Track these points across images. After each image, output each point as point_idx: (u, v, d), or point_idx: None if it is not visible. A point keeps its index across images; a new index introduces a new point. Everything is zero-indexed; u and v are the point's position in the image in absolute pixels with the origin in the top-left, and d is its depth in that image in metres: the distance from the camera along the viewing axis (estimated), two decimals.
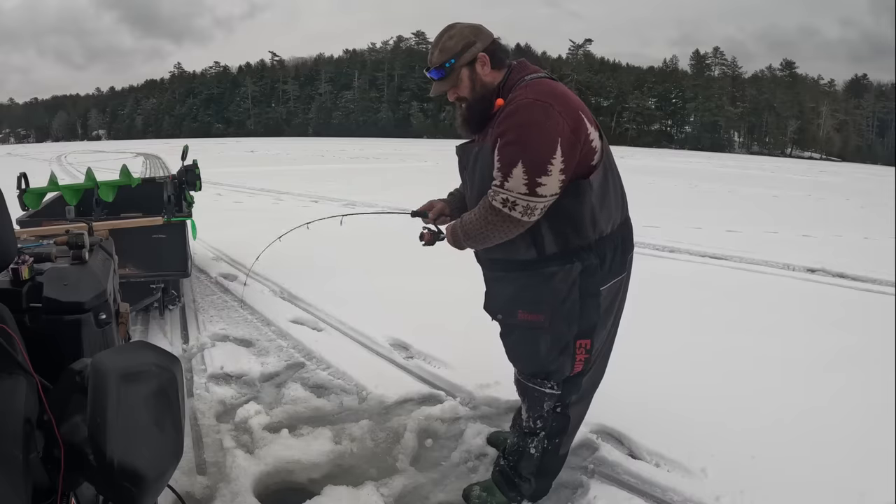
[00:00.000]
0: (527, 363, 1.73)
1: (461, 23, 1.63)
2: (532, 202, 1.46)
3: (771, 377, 2.75)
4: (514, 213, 1.47)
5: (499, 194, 1.48)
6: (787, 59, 65.92)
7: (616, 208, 1.63)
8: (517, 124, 1.46)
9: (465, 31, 1.59)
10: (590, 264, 1.57)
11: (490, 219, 1.51)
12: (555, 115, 1.44)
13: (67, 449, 0.66)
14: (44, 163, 20.13)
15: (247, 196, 10.09)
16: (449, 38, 1.58)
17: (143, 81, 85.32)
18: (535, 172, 1.43)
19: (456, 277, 3.14)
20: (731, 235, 6.84)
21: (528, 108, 1.46)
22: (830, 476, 1.96)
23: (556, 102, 1.46)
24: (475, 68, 1.58)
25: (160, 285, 3.47)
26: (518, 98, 1.49)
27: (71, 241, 1.23)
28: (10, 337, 0.75)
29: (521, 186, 1.45)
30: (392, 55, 73.01)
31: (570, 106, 1.48)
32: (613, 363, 1.86)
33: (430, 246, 1.81)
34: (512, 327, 1.72)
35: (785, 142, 62.38)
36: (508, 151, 1.46)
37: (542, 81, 1.53)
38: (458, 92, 1.62)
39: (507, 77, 1.59)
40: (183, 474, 1.93)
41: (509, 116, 1.48)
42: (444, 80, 1.61)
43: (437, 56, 1.59)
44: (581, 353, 1.64)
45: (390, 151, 29.05)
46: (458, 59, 1.57)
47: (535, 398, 1.74)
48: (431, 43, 1.63)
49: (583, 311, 1.60)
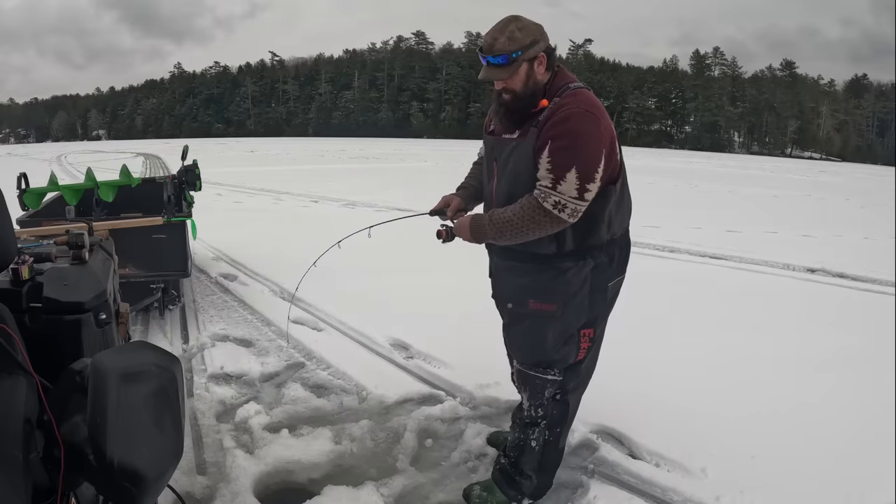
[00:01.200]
0: (531, 352, 1.77)
1: (526, 18, 1.63)
2: (579, 205, 1.55)
3: (771, 377, 2.75)
4: (563, 215, 1.55)
5: (551, 196, 1.54)
6: (787, 59, 65.92)
7: (627, 214, 1.75)
8: (571, 131, 1.53)
9: (533, 28, 1.61)
10: (601, 262, 1.68)
11: (537, 218, 1.56)
12: (601, 128, 1.55)
13: (67, 449, 0.66)
14: (44, 163, 20.13)
15: (247, 196, 10.08)
16: (518, 28, 1.59)
17: (143, 81, 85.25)
18: (586, 179, 1.52)
19: (456, 277, 3.15)
20: (731, 235, 6.84)
21: (580, 117, 1.54)
22: (831, 476, 1.96)
23: (602, 116, 1.57)
24: (534, 65, 1.60)
25: (160, 285, 3.47)
26: (569, 106, 1.55)
27: (71, 241, 1.23)
28: (10, 337, 0.75)
29: (573, 191, 1.53)
30: (392, 55, 72.96)
31: (607, 120, 1.59)
32: (613, 362, 1.87)
33: (450, 242, 1.83)
34: (522, 316, 1.75)
35: (785, 142, 62.35)
36: (563, 156, 1.53)
37: (587, 92, 1.61)
38: (510, 83, 1.61)
39: (552, 80, 1.64)
40: (183, 474, 1.93)
41: (562, 122, 1.54)
42: (505, 69, 1.60)
43: (503, 42, 1.58)
44: (585, 341, 1.74)
45: (390, 151, 29.05)
46: (525, 52, 1.58)
47: (537, 385, 1.77)
48: (493, 28, 1.61)
49: (591, 303, 1.70)
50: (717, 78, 66.08)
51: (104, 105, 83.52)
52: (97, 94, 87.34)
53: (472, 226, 1.71)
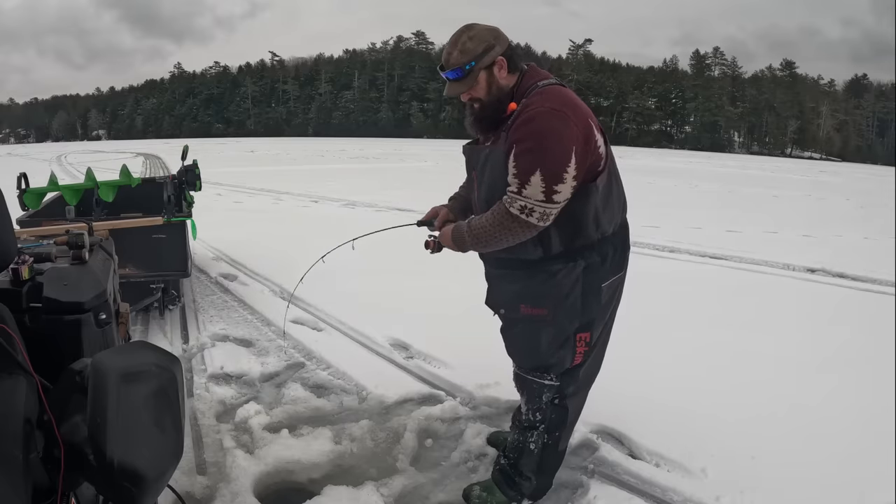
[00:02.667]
0: (527, 357, 1.75)
1: (479, 24, 1.61)
2: (548, 208, 1.49)
3: (771, 377, 2.75)
4: (532, 220, 1.50)
5: (517, 201, 1.50)
6: (787, 59, 65.95)
7: (618, 210, 1.68)
8: (535, 132, 1.48)
9: (485, 34, 1.57)
10: (592, 262, 1.61)
11: (506, 224, 1.53)
12: (570, 125, 1.47)
13: (67, 449, 0.66)
14: (44, 163, 20.13)
15: (247, 196, 10.08)
16: (469, 38, 1.56)
17: (143, 81, 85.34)
18: (553, 180, 1.46)
19: (456, 277, 3.14)
20: (731, 235, 6.84)
21: (545, 116, 1.47)
22: (831, 476, 1.96)
23: (571, 112, 1.49)
24: (493, 71, 1.58)
25: (160, 285, 3.47)
26: (534, 105, 1.50)
27: (71, 241, 1.23)
28: (10, 337, 0.75)
29: (539, 194, 1.47)
30: (392, 55, 72.96)
31: (582, 114, 1.51)
32: (614, 363, 1.87)
33: (437, 253, 1.83)
34: (514, 321, 1.74)
35: (785, 142, 62.35)
36: (526, 159, 1.48)
37: (556, 89, 1.55)
38: (473, 93, 1.60)
39: (520, 81, 1.60)
40: (183, 474, 1.93)
41: (526, 123, 1.49)
42: (462, 82, 1.59)
43: (456, 56, 1.57)
44: (581, 345, 1.69)
45: (390, 151, 29.05)
46: (478, 61, 1.56)
47: (534, 390, 1.75)
48: (448, 42, 1.60)
49: (584, 306, 1.64)
50: (717, 78, 66.08)
51: (104, 105, 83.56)
52: (97, 94, 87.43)
53: (453, 235, 1.69)
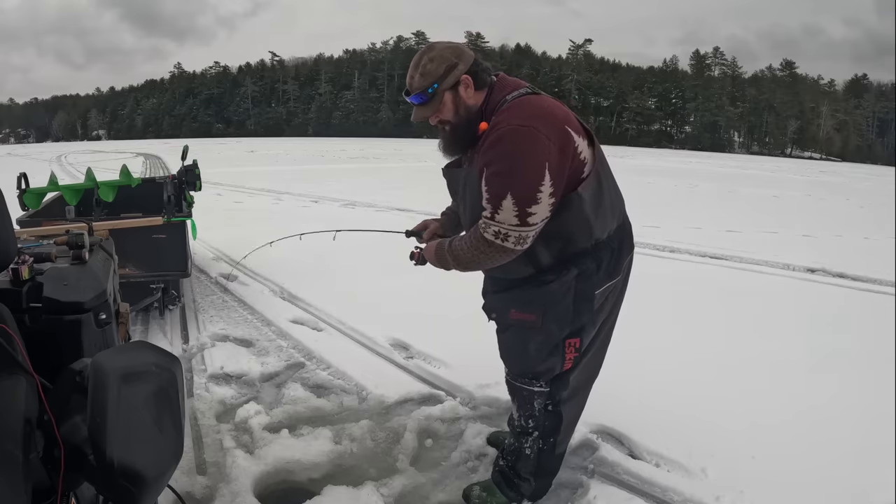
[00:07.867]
0: (515, 363, 1.74)
1: (440, 43, 1.54)
2: (524, 232, 1.44)
3: (771, 377, 2.75)
4: (507, 244, 1.45)
5: (490, 227, 1.45)
6: (787, 59, 66.03)
7: (612, 213, 1.61)
8: (503, 154, 1.41)
9: (446, 53, 1.50)
10: (586, 269, 1.55)
11: (482, 249, 1.49)
12: (541, 139, 1.39)
13: (67, 449, 0.66)
14: (44, 163, 20.13)
15: (247, 196, 10.08)
16: (429, 60, 1.49)
17: (143, 81, 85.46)
18: (525, 203, 1.40)
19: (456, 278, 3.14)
20: (731, 235, 6.84)
21: (511, 136, 1.40)
22: (831, 476, 1.96)
23: (541, 124, 1.40)
24: (458, 91, 1.50)
25: (160, 285, 3.46)
26: (501, 125, 1.42)
27: (71, 241, 1.23)
28: (10, 337, 0.75)
29: (513, 218, 1.42)
30: (392, 55, 72.92)
31: (555, 123, 1.43)
32: (614, 363, 1.86)
33: (422, 265, 1.82)
34: (505, 326, 1.72)
35: (785, 142, 62.35)
36: (496, 183, 1.42)
37: (524, 100, 1.48)
38: (440, 116, 1.54)
39: (489, 97, 1.52)
40: (183, 474, 1.93)
41: (494, 145, 1.42)
42: (427, 106, 1.53)
43: (417, 80, 1.51)
44: (570, 351, 1.63)
45: (390, 151, 29.03)
46: (440, 83, 1.49)
47: (525, 397, 1.73)
48: (410, 66, 1.52)
49: (575, 313, 1.58)
50: (717, 78, 66.12)
51: (104, 105, 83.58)
52: (97, 94, 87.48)
53: (437, 253, 1.66)
